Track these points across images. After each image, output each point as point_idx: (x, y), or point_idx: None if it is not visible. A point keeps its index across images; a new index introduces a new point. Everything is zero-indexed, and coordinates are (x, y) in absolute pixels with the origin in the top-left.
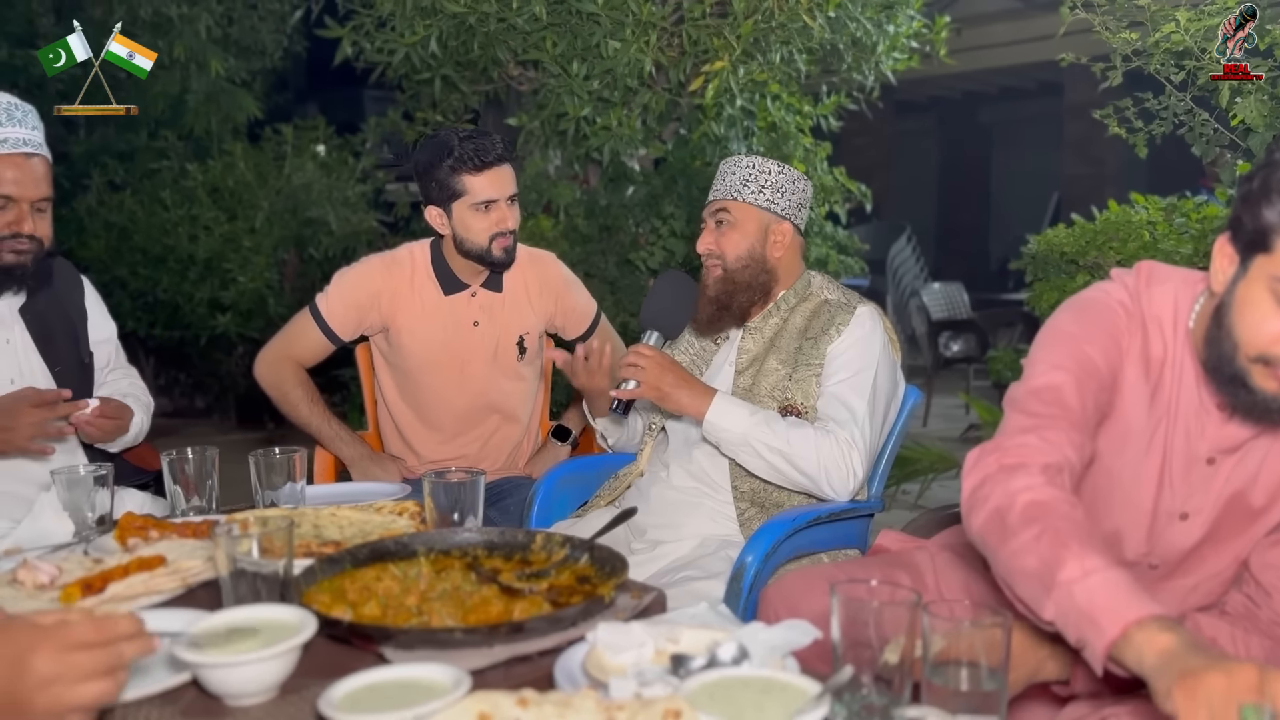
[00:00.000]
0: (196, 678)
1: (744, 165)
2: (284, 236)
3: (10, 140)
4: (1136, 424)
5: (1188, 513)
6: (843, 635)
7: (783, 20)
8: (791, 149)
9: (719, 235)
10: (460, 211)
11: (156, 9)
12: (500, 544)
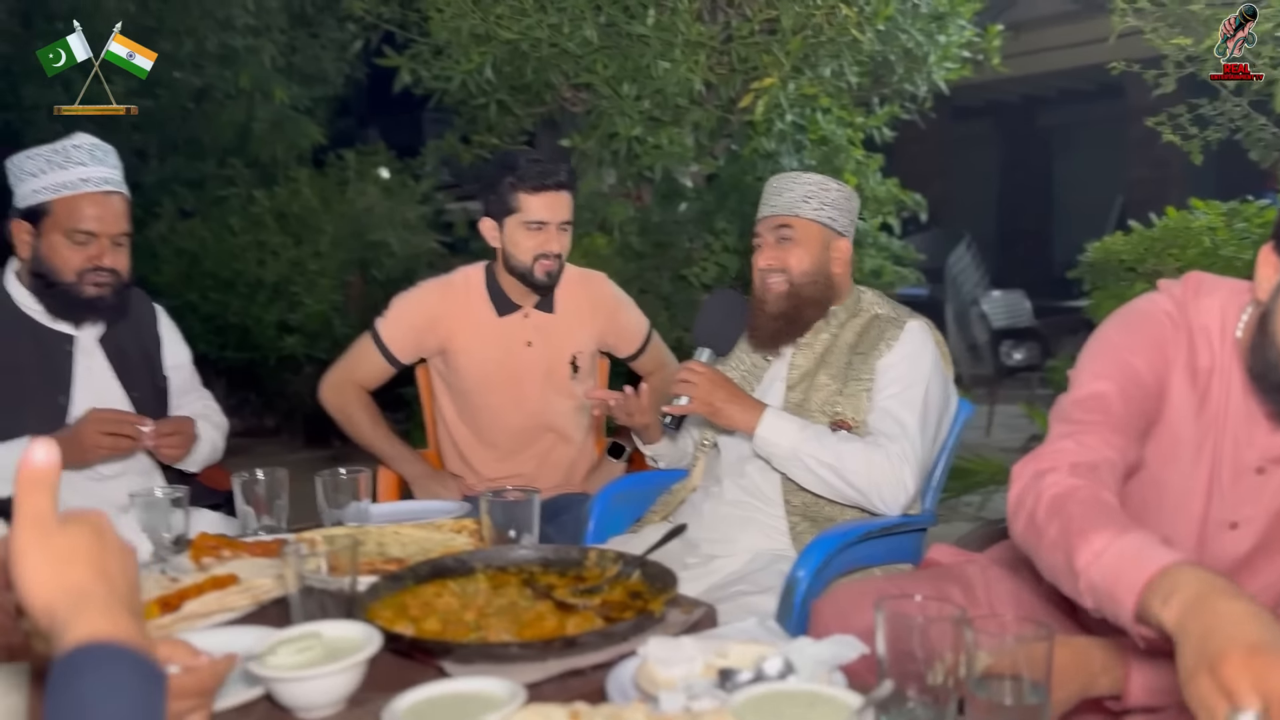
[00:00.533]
0: (269, 692)
1: (804, 182)
2: (348, 259)
3: (93, 179)
4: (1185, 433)
5: (1237, 522)
6: (888, 650)
7: (832, 35)
8: (843, 162)
9: (782, 251)
10: (512, 227)
11: (223, 41)
12: (555, 560)
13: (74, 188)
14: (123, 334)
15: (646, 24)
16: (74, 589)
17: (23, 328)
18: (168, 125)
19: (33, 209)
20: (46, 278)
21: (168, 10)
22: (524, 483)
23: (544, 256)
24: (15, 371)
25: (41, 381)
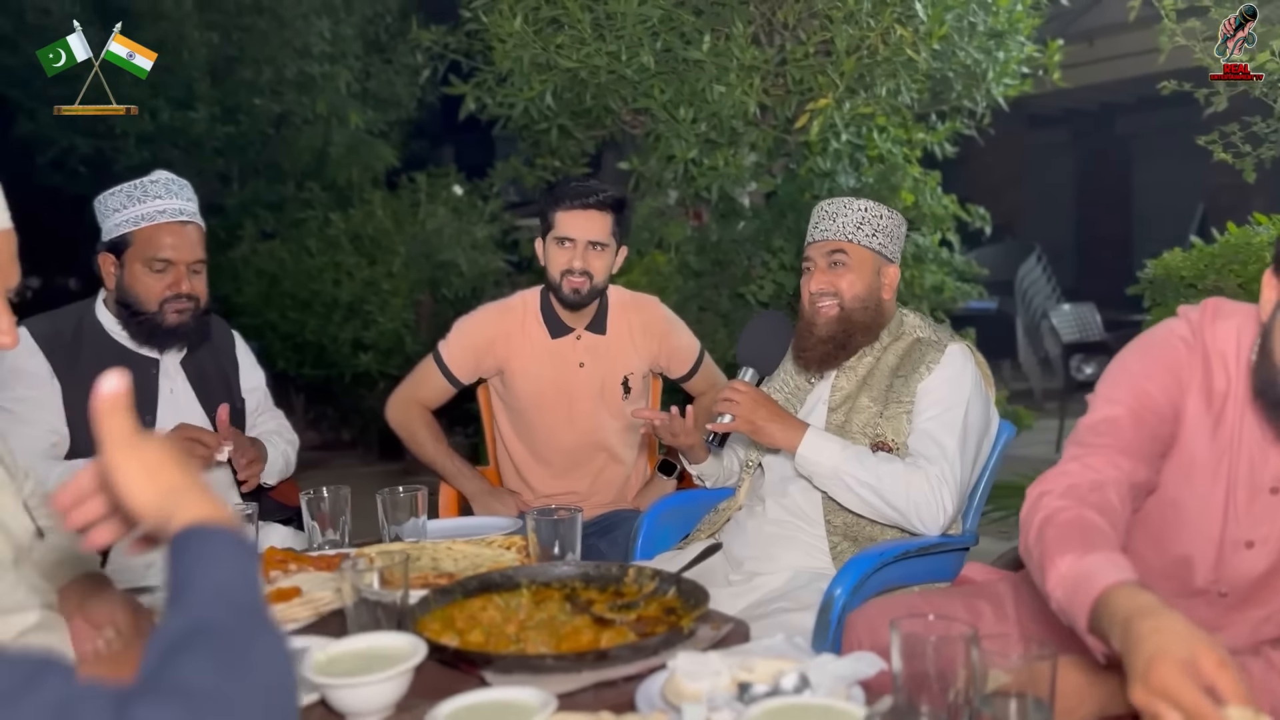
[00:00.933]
0: (324, 697)
1: (857, 208)
2: (419, 279)
3: (169, 210)
4: (1200, 455)
5: (1254, 541)
6: (903, 667)
7: (888, 55)
8: (900, 179)
9: (835, 276)
10: (548, 243)
11: (301, 68)
12: (596, 577)
13: (151, 219)
14: (203, 358)
15: (702, 49)
16: (170, 489)
17: (111, 353)
18: (249, 150)
19: (115, 241)
20: (131, 307)
21: (249, 40)
22: (578, 499)
23: (570, 273)
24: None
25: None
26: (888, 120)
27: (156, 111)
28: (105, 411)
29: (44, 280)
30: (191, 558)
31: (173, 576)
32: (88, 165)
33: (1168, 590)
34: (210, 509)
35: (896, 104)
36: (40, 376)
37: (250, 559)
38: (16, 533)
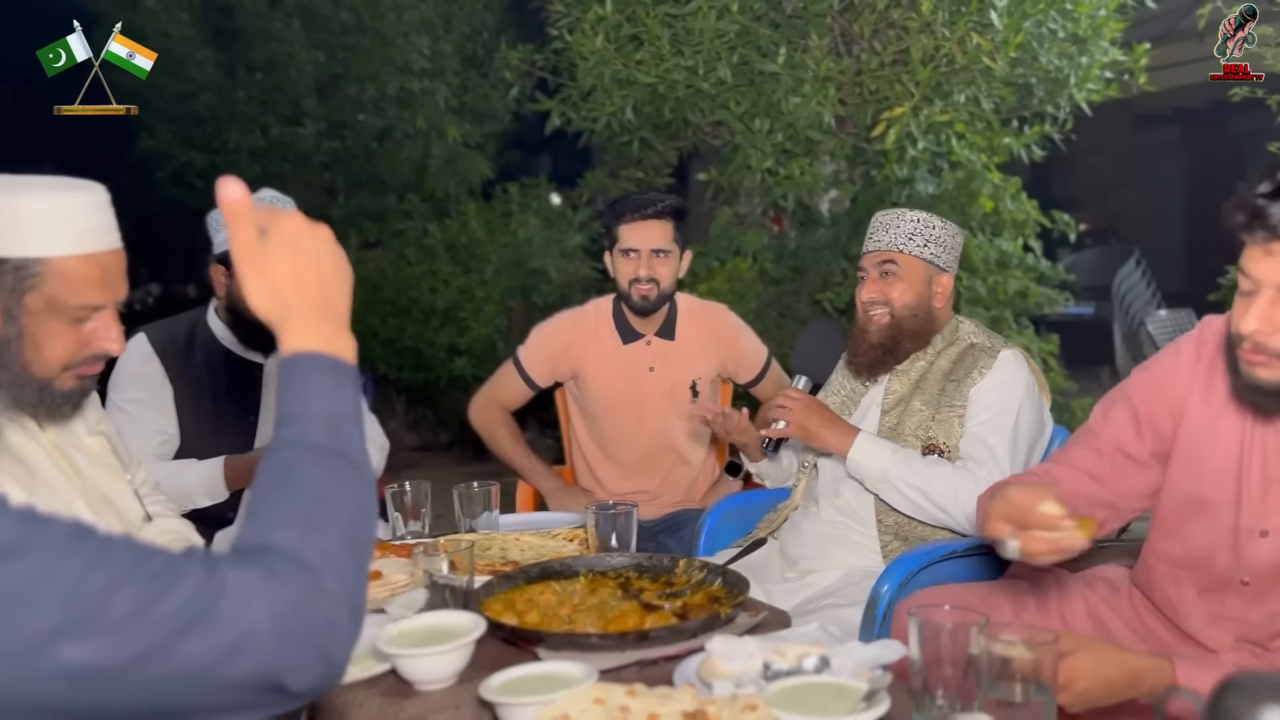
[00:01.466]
0: (394, 667)
1: (909, 220)
2: (510, 287)
3: None
4: (1205, 449)
5: (1268, 530)
6: (920, 652)
7: (965, 63)
8: (978, 185)
9: (885, 285)
10: (614, 256)
11: (402, 85)
12: (648, 567)
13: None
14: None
15: (778, 62)
16: (279, 304)
17: (219, 357)
18: (353, 164)
19: (225, 254)
20: (239, 314)
21: (354, 58)
22: (647, 498)
23: (638, 281)
24: (214, 395)
25: (234, 403)
26: (966, 127)
27: (267, 128)
28: (230, 219)
29: (164, 287)
30: (291, 388)
31: (279, 402)
32: (203, 179)
33: (1195, 582)
34: (311, 336)
35: (976, 111)
36: (153, 380)
37: (348, 383)
38: (128, 515)
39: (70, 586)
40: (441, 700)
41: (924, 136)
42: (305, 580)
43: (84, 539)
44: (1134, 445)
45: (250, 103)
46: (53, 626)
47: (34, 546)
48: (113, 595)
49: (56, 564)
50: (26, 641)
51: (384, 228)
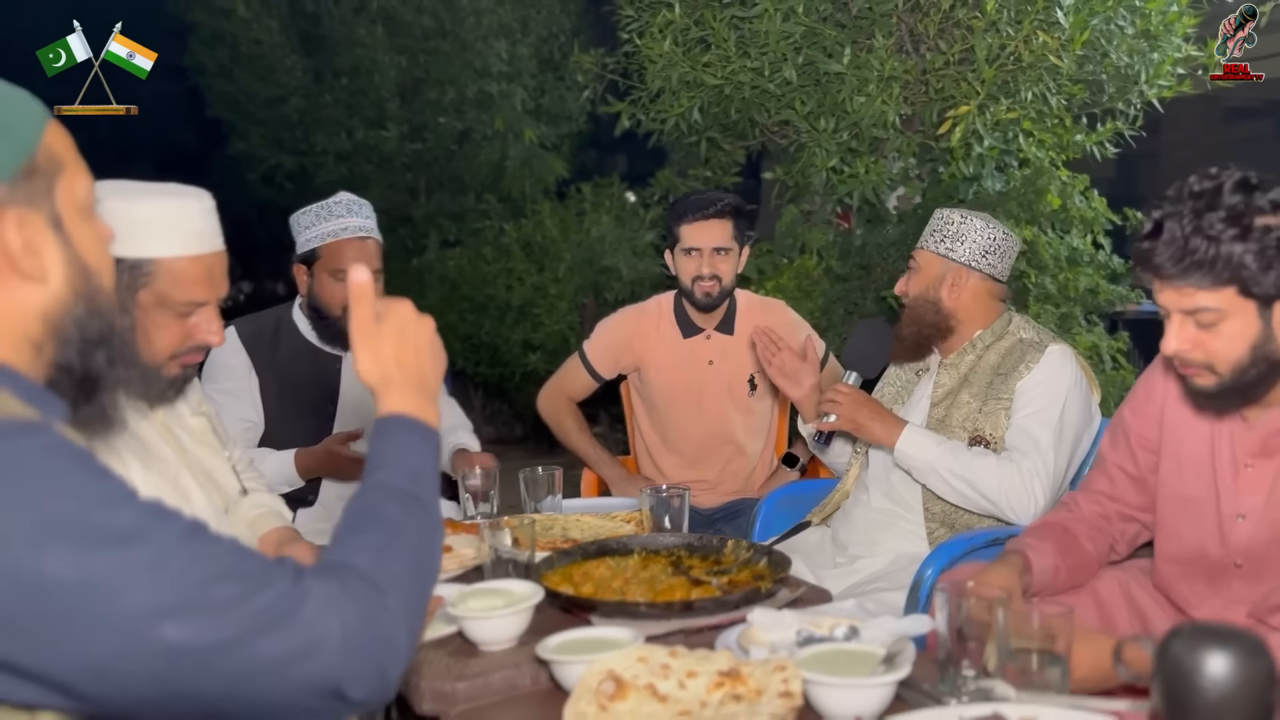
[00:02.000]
0: (461, 628)
1: (935, 218)
2: (583, 284)
3: (350, 227)
4: (1186, 446)
5: (1244, 513)
6: (947, 624)
7: (1031, 61)
8: (1045, 183)
9: (905, 279)
10: (676, 255)
11: (481, 88)
12: (699, 547)
13: (336, 235)
14: None
15: (843, 62)
16: (382, 375)
17: (303, 350)
18: (434, 165)
19: (306, 254)
20: (319, 311)
21: (434, 62)
22: (706, 487)
23: (700, 279)
24: (296, 386)
25: (315, 393)
26: (1033, 124)
27: (352, 131)
28: (354, 300)
29: (255, 284)
30: (382, 442)
31: (370, 453)
32: (292, 180)
33: (1198, 574)
34: (406, 402)
35: (1044, 109)
36: (240, 371)
37: (432, 447)
38: (226, 489)
39: (178, 573)
40: (503, 659)
41: (990, 134)
42: (374, 598)
43: (196, 536)
44: (1131, 464)
45: (336, 107)
46: (159, 605)
47: (153, 536)
48: (213, 586)
49: (170, 553)
50: (136, 618)
51: (463, 227)
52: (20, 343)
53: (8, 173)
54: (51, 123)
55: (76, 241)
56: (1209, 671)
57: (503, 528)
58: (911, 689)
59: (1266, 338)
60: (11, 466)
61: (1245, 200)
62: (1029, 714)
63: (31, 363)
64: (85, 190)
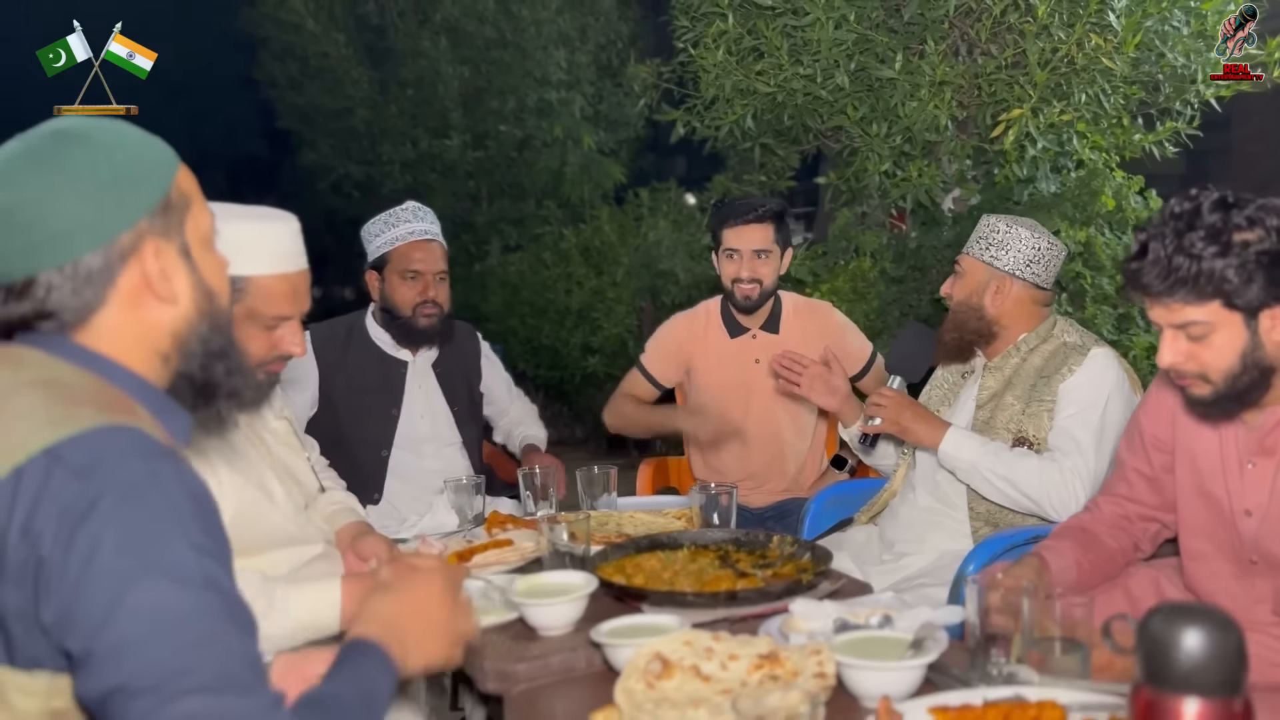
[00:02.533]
0: (521, 615)
1: (981, 224)
2: (640, 287)
3: (416, 230)
4: (1199, 445)
5: (1250, 510)
6: (978, 613)
7: (1084, 63)
8: (1100, 184)
9: (950, 283)
10: (719, 257)
11: (541, 96)
12: (745, 541)
13: (404, 238)
14: (450, 361)
15: (895, 68)
16: (372, 612)
17: (373, 356)
18: (495, 172)
19: (377, 260)
20: (391, 313)
21: (496, 72)
22: (755, 485)
23: (740, 281)
24: (363, 390)
25: (381, 397)
26: (1088, 126)
27: (417, 140)
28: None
29: (324, 291)
30: (354, 655)
31: (337, 659)
32: (360, 190)
33: (1225, 571)
34: (392, 641)
35: (1098, 110)
36: (304, 365)
37: (386, 685)
38: (307, 485)
39: (197, 640)
40: (560, 643)
41: (1043, 136)
42: None
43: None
44: (1146, 466)
45: (401, 117)
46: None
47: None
48: (205, 661)
49: (206, 619)
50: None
51: (523, 232)
52: (152, 356)
53: (149, 209)
54: (181, 166)
55: (201, 267)
56: (1184, 645)
57: (560, 523)
58: (943, 674)
59: (1255, 345)
60: (148, 488)
61: (1223, 218)
62: (1048, 695)
63: (159, 372)
64: (208, 223)
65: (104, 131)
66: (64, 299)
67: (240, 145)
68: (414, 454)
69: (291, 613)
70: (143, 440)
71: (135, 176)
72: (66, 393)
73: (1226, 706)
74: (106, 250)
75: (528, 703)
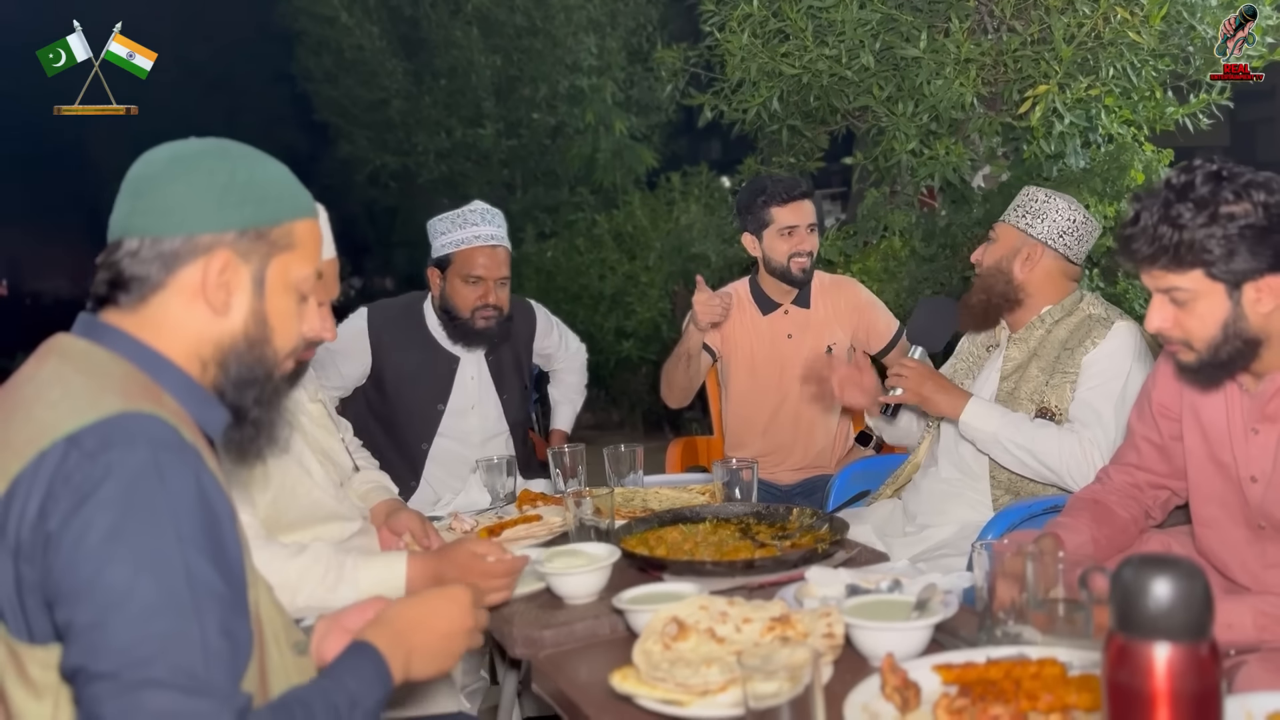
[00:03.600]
0: (549, 584)
1: (1021, 194)
2: (672, 271)
3: (482, 235)
4: (1205, 413)
5: (1255, 476)
6: (987, 578)
7: (1111, 38)
8: (1129, 159)
9: (982, 250)
10: (770, 237)
11: (572, 83)
12: (766, 514)
13: (469, 242)
14: (504, 350)
15: (920, 46)
16: (383, 619)
17: (428, 347)
18: (529, 160)
19: (441, 259)
20: (450, 313)
21: (527, 60)
22: (782, 458)
23: (797, 255)
24: (413, 381)
25: (428, 391)
26: (1116, 100)
27: (451, 130)
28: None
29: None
30: (350, 657)
31: (335, 660)
32: (396, 180)
33: (1241, 533)
34: (392, 651)
35: (1127, 84)
36: (357, 344)
37: (378, 691)
38: (342, 464)
39: (175, 633)
40: (584, 611)
41: (1071, 112)
42: None
43: (209, 613)
44: (1155, 434)
45: (436, 107)
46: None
47: (198, 602)
48: (171, 656)
49: (192, 615)
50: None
51: (557, 219)
52: (192, 357)
53: (239, 226)
54: (311, 220)
55: (270, 302)
56: (1153, 592)
57: (586, 498)
58: (952, 635)
59: (1238, 316)
60: (149, 477)
61: (1213, 189)
62: (1049, 653)
63: (198, 376)
64: (302, 275)
65: (248, 156)
66: (135, 267)
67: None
68: (460, 443)
69: (360, 584)
70: (158, 428)
71: (245, 196)
72: (98, 381)
73: (1194, 650)
74: (185, 240)
75: (554, 666)
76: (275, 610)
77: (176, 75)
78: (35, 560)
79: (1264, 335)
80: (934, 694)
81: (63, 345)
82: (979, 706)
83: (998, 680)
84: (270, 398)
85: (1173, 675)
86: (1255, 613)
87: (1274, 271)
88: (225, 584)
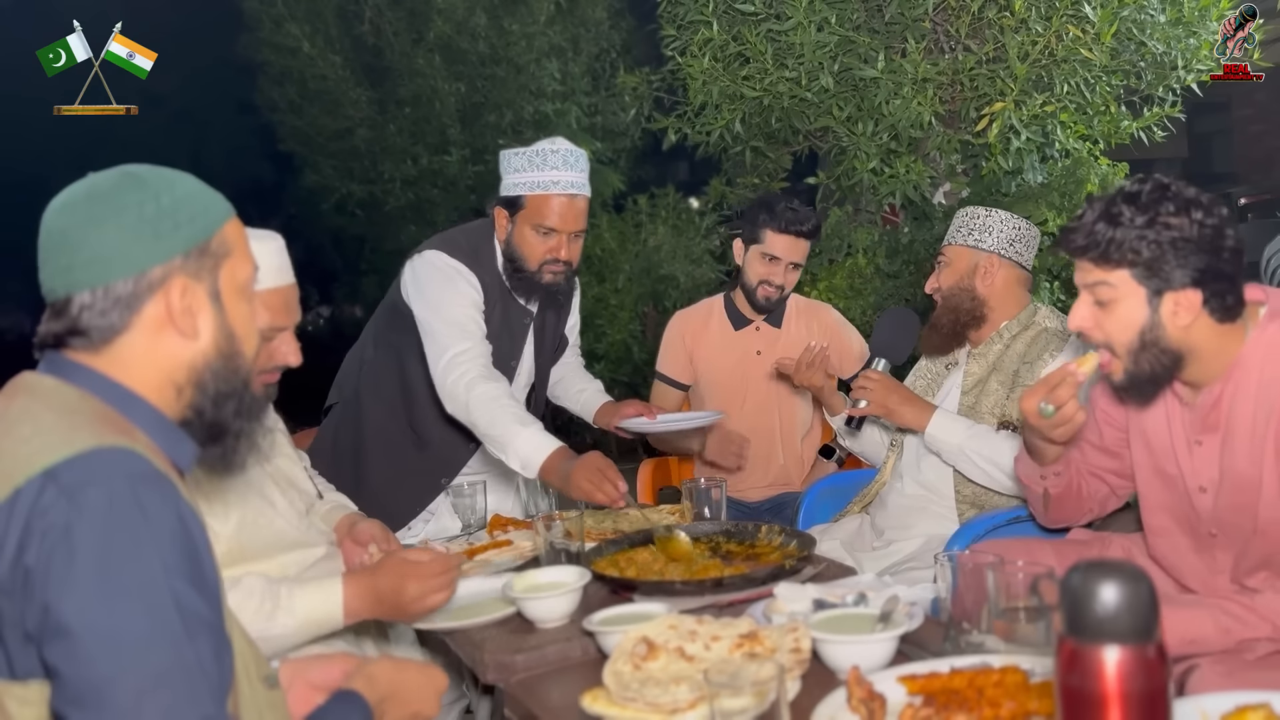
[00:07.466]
0: (519, 609)
1: (959, 215)
2: (642, 293)
3: (562, 182)
4: (1149, 426)
5: (1204, 486)
6: (950, 589)
7: (1064, 55)
8: (1085, 173)
9: (937, 274)
10: (752, 254)
11: (537, 109)
12: (735, 532)
13: (545, 188)
14: (549, 311)
15: (878, 67)
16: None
17: (499, 291)
18: (496, 186)
19: (511, 199)
20: (515, 263)
21: (491, 87)
22: (745, 474)
23: (765, 283)
24: (495, 337)
25: (504, 346)
26: (1071, 116)
27: (417, 157)
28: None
29: (333, 309)
30: (340, 706)
31: (325, 706)
32: (363, 208)
33: (1187, 546)
34: (367, 688)
35: (1080, 100)
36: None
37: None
38: (306, 492)
39: (173, 662)
40: (555, 634)
41: (1027, 128)
42: None
43: (198, 640)
44: (1096, 436)
45: (401, 135)
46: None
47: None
48: (166, 692)
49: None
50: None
51: None
52: (166, 385)
53: (185, 249)
54: (232, 220)
55: (230, 312)
56: (1100, 597)
57: (556, 522)
58: (918, 648)
59: (1154, 324)
60: (129, 508)
61: (1158, 199)
62: (1011, 661)
63: (172, 404)
64: (246, 274)
65: (162, 178)
66: (93, 319)
67: (243, 170)
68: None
69: (296, 611)
70: (133, 461)
71: (177, 219)
72: (69, 418)
73: (1142, 652)
74: (137, 280)
75: (526, 691)
76: (246, 643)
77: (141, 107)
78: (14, 596)
79: (1184, 349)
80: (899, 705)
81: (30, 383)
82: (943, 716)
83: (961, 689)
84: (249, 408)
85: (1122, 677)
86: (1215, 622)
87: (1195, 288)
88: (211, 611)
